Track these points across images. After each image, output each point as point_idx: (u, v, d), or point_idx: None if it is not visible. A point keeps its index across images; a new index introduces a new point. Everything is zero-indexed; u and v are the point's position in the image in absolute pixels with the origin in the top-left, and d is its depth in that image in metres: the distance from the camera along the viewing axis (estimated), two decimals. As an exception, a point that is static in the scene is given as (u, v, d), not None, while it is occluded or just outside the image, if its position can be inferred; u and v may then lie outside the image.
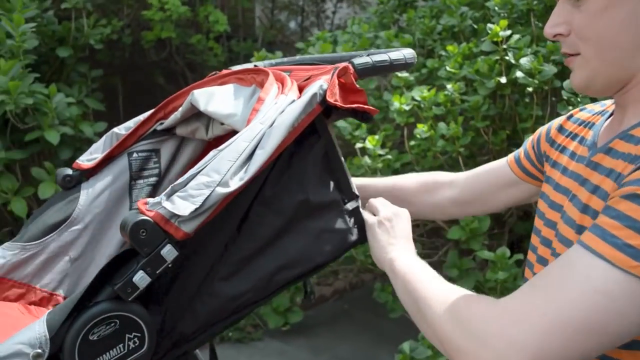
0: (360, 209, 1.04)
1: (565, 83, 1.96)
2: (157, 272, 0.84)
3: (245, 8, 4.18)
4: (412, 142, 2.23)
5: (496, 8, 2.29)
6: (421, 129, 2.15)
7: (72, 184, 1.15)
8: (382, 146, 2.29)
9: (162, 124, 1.16)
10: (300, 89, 0.98)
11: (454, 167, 2.27)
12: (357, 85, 0.98)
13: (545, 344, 0.67)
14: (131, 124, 1.17)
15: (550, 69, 2.01)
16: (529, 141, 1.12)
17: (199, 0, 3.60)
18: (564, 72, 2.03)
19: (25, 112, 2.53)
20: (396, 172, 2.35)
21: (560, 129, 1.03)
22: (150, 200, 0.85)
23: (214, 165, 0.85)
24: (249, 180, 0.87)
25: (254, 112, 0.93)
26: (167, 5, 3.26)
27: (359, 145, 2.28)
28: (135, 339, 0.88)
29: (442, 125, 2.12)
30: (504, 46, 2.09)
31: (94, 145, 1.17)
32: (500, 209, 1.23)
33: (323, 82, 0.95)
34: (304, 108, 0.93)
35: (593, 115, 0.99)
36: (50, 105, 2.52)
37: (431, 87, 2.24)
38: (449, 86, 2.16)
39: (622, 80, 0.82)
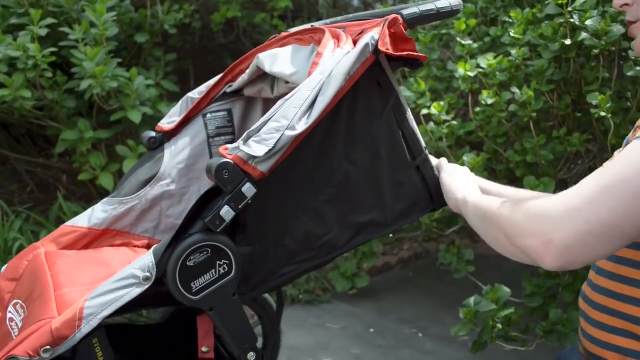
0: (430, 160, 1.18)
1: (633, 43, 1.91)
2: (240, 207, 0.97)
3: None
4: (477, 109, 2.25)
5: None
6: (486, 95, 2.17)
7: (156, 145, 1.30)
8: (447, 113, 2.33)
9: (231, 86, 1.28)
10: (355, 43, 1.07)
11: (518, 134, 2.27)
12: (407, 35, 1.06)
13: (595, 205, 0.79)
14: (203, 88, 1.30)
15: (618, 30, 1.97)
16: None
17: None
18: (632, 32, 1.98)
19: (109, 95, 2.73)
20: (460, 139, 2.37)
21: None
22: (230, 145, 0.97)
23: (282, 113, 0.97)
24: (313, 124, 0.98)
25: (314, 66, 1.03)
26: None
27: (424, 112, 2.32)
28: (225, 266, 1.01)
29: (514, 90, 2.13)
30: (569, 9, 2.06)
31: (172, 110, 1.31)
32: None
33: (375, 34, 1.04)
34: (357, 57, 1.02)
35: None
36: (132, 88, 2.70)
37: (496, 55, 2.24)
38: (513, 52, 2.16)
39: None
